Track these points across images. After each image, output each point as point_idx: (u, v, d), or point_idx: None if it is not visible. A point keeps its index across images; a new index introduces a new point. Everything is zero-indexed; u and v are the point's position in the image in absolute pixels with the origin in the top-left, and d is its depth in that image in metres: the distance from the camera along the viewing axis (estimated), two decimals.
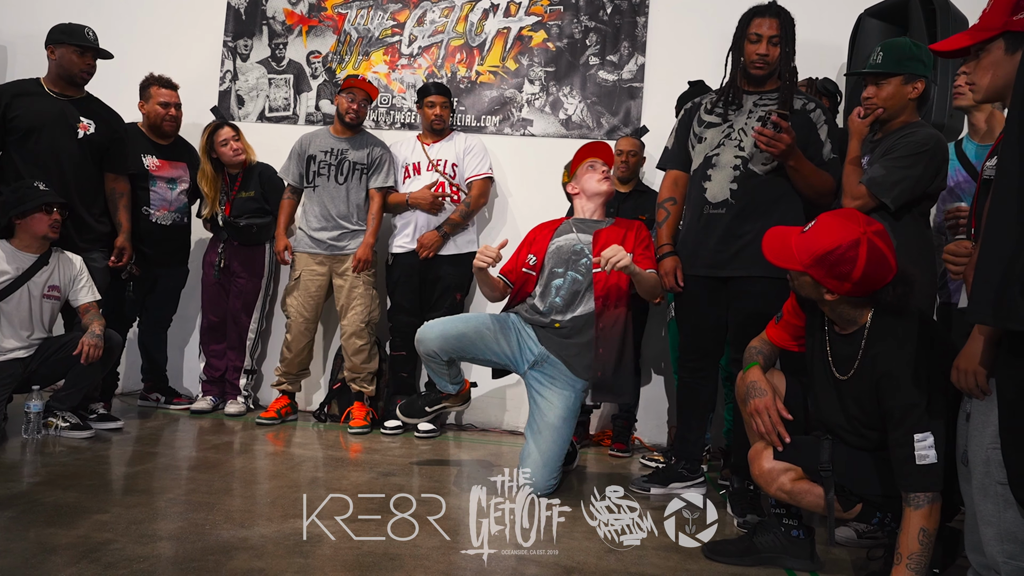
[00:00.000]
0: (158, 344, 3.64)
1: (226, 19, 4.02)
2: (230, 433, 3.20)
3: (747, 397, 1.86)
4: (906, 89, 2.19)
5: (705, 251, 2.38)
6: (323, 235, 3.40)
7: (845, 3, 3.27)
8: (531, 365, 2.58)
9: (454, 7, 3.86)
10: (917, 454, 1.58)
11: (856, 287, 1.66)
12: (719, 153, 2.37)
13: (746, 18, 2.39)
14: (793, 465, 1.80)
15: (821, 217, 1.74)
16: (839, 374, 1.77)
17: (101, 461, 2.59)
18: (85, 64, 2.96)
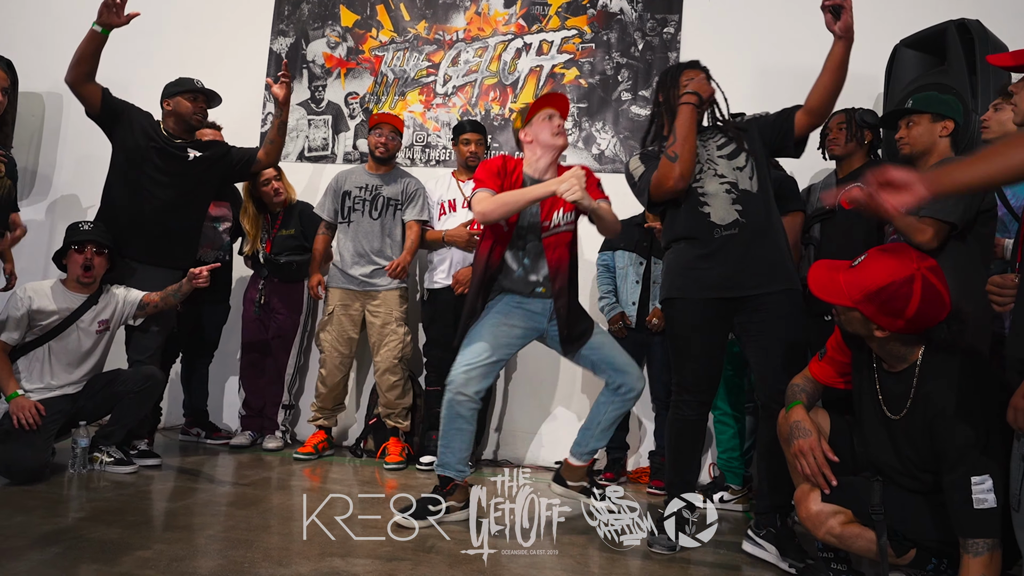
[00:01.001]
0: (200, 380, 3.70)
1: (268, 63, 4.15)
2: (268, 468, 3.22)
3: (791, 438, 1.81)
4: (935, 127, 2.28)
5: (717, 274, 2.26)
6: (356, 271, 3.44)
7: (881, 33, 3.24)
8: (548, 319, 2.50)
9: (487, 47, 3.94)
10: (975, 498, 1.51)
11: (909, 324, 1.61)
12: (702, 184, 2.32)
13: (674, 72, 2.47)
14: (842, 508, 1.73)
15: (872, 252, 1.70)
16: (891, 413, 1.71)
17: (144, 496, 2.62)
18: (198, 107, 3.13)
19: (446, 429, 2.44)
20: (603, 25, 3.83)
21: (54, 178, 4.29)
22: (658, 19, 3.78)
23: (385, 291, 3.43)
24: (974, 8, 2.97)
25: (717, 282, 2.26)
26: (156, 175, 3.03)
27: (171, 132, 3.12)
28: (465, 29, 3.98)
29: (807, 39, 3.40)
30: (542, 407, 3.72)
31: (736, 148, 2.34)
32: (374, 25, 4.07)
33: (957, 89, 2.84)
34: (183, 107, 3.10)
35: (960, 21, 2.91)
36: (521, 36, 3.91)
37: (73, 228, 2.91)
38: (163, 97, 3.16)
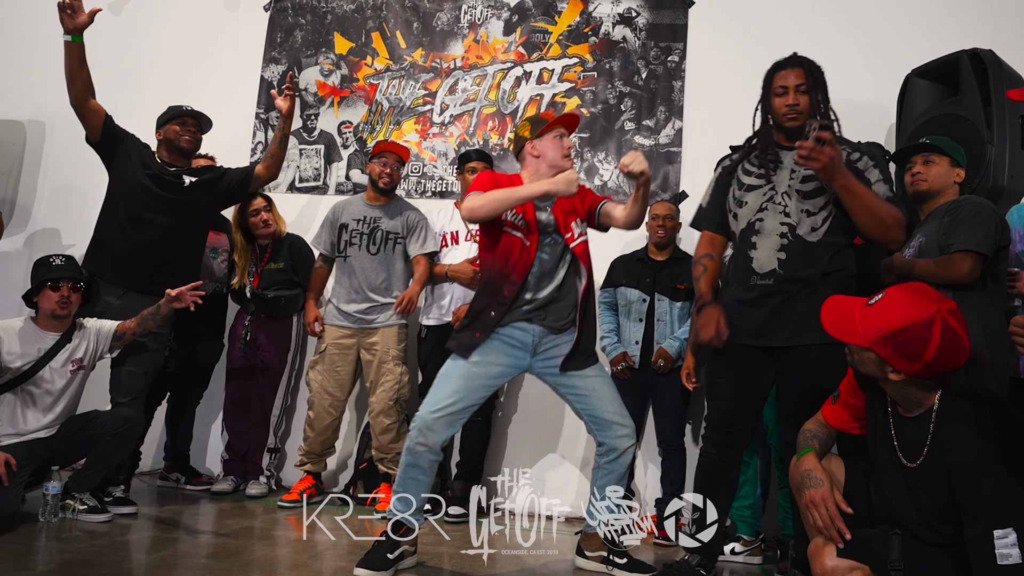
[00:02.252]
0: (186, 423, 3.68)
1: (259, 92, 4.22)
2: (251, 517, 3.18)
3: (802, 487, 1.79)
4: (952, 172, 2.46)
5: (753, 322, 2.29)
6: (351, 307, 3.43)
7: (892, 63, 3.31)
8: (533, 352, 2.46)
9: (486, 75, 4.00)
10: (999, 552, 1.49)
11: (926, 369, 1.61)
12: (763, 219, 2.32)
13: (770, 74, 2.38)
14: (860, 564, 1.71)
15: (890, 291, 1.70)
16: (907, 461, 1.70)
17: (118, 547, 2.59)
18: (186, 130, 3.20)
19: (402, 476, 2.41)
20: (605, 53, 3.90)
21: (33, 209, 4.32)
22: (662, 47, 3.85)
23: (383, 328, 3.42)
24: (988, 38, 3.03)
25: (752, 329, 2.29)
26: (153, 203, 3.08)
27: (165, 160, 3.18)
28: (463, 57, 4.05)
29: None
30: (543, 450, 3.69)
31: (818, 188, 2.26)
32: (369, 52, 4.15)
33: (971, 120, 2.88)
34: (172, 132, 3.18)
35: (973, 51, 2.96)
36: (521, 64, 3.98)
37: (44, 264, 2.90)
38: (156, 128, 3.25)
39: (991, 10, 3.47)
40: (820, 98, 2.31)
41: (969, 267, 2.19)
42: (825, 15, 3.69)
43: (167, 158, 3.20)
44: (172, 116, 3.22)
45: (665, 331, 3.26)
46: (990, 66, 2.90)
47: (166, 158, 3.20)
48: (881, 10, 3.65)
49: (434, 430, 2.37)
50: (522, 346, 2.46)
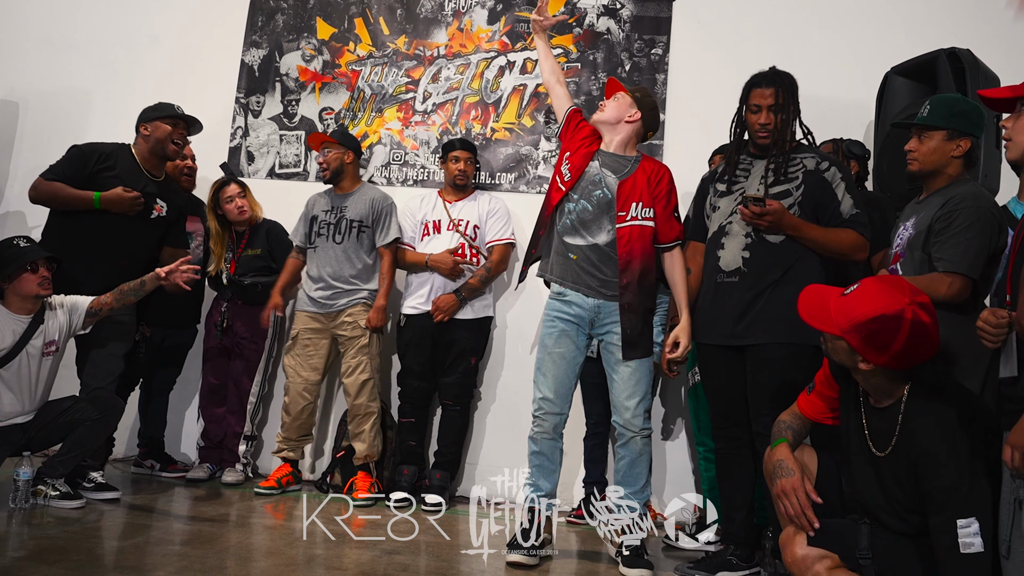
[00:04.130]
0: (159, 408, 3.66)
1: (239, 76, 4.18)
2: (227, 504, 3.17)
3: (774, 477, 1.83)
4: (949, 146, 2.13)
5: (721, 321, 2.44)
6: (317, 294, 3.45)
7: (872, 61, 3.35)
8: (591, 326, 2.59)
9: (470, 64, 3.99)
10: (961, 542, 1.53)
11: (894, 360, 1.65)
12: (731, 222, 2.46)
13: (746, 89, 2.53)
14: (829, 552, 1.75)
15: (865, 281, 1.74)
16: (876, 450, 1.74)
17: (91, 534, 2.57)
18: (177, 134, 3.12)
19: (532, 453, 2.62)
20: (589, 45, 3.90)
21: (6, 190, 4.25)
22: (646, 40, 3.86)
23: (348, 307, 3.43)
24: (965, 38, 3.07)
25: (719, 330, 2.44)
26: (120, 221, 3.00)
27: (144, 168, 3.09)
28: (447, 45, 4.04)
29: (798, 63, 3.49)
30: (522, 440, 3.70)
31: (785, 191, 2.41)
32: (352, 39, 4.12)
33: None
34: (162, 132, 3.08)
35: (951, 50, 3.00)
36: (504, 54, 3.97)
37: (11, 247, 2.82)
38: (140, 121, 3.13)
39: (970, 10, 3.52)
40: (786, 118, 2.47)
41: (956, 290, 2.02)
42: (807, 12, 3.72)
43: (146, 162, 3.10)
44: (165, 115, 3.10)
45: None
46: (967, 65, 2.95)
47: (144, 160, 3.10)
48: (862, 8, 3.68)
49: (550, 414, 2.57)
50: (579, 321, 2.58)
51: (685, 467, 3.52)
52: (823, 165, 2.45)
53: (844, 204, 2.41)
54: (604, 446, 3.39)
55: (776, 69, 2.51)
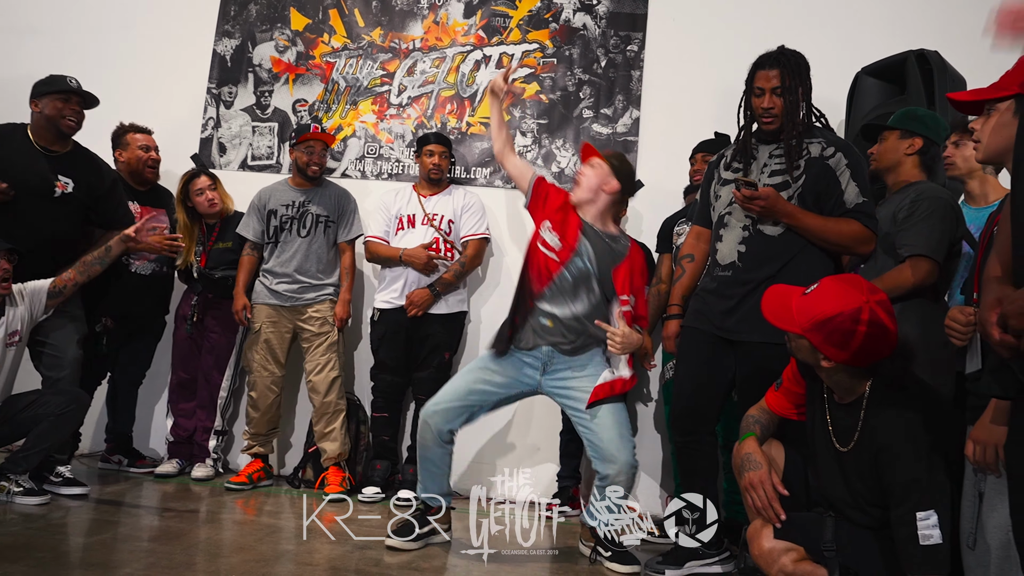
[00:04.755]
0: (127, 402, 3.60)
1: (211, 66, 4.12)
2: (196, 500, 3.14)
3: (742, 470, 1.86)
4: (902, 144, 2.37)
5: (714, 312, 2.38)
6: (282, 287, 3.42)
7: (842, 61, 3.39)
8: (543, 371, 2.52)
9: (445, 58, 3.98)
10: (920, 534, 1.57)
11: (854, 357, 1.68)
12: (731, 212, 2.39)
13: (752, 71, 2.41)
14: (795, 545, 1.78)
15: (824, 281, 1.77)
16: (840, 445, 1.77)
17: (55, 530, 2.53)
18: (69, 110, 2.95)
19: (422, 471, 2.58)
20: (565, 40, 3.91)
21: None
22: (622, 36, 3.88)
23: (316, 304, 3.42)
24: (934, 39, 3.12)
25: (712, 320, 2.38)
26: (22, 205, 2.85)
27: (40, 144, 2.92)
28: (422, 38, 4.02)
29: None
30: (497, 436, 3.72)
31: (784, 181, 2.30)
32: (326, 30, 4.08)
33: None
34: (52, 109, 2.92)
35: (920, 52, 3.06)
36: (480, 48, 3.96)
37: None
38: (31, 98, 2.96)
39: (939, 13, 3.58)
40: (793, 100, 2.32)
41: (925, 273, 2.17)
42: (781, 11, 3.76)
43: (41, 139, 2.93)
44: (55, 90, 2.92)
45: None
46: (935, 67, 3.00)
47: (42, 139, 2.93)
48: (834, 8, 3.73)
49: (428, 424, 2.50)
50: (532, 362, 2.52)
51: (656, 460, 3.55)
52: (828, 151, 2.32)
53: (848, 192, 2.29)
54: (579, 441, 3.41)
55: (784, 48, 2.38)
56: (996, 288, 1.27)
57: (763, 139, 2.42)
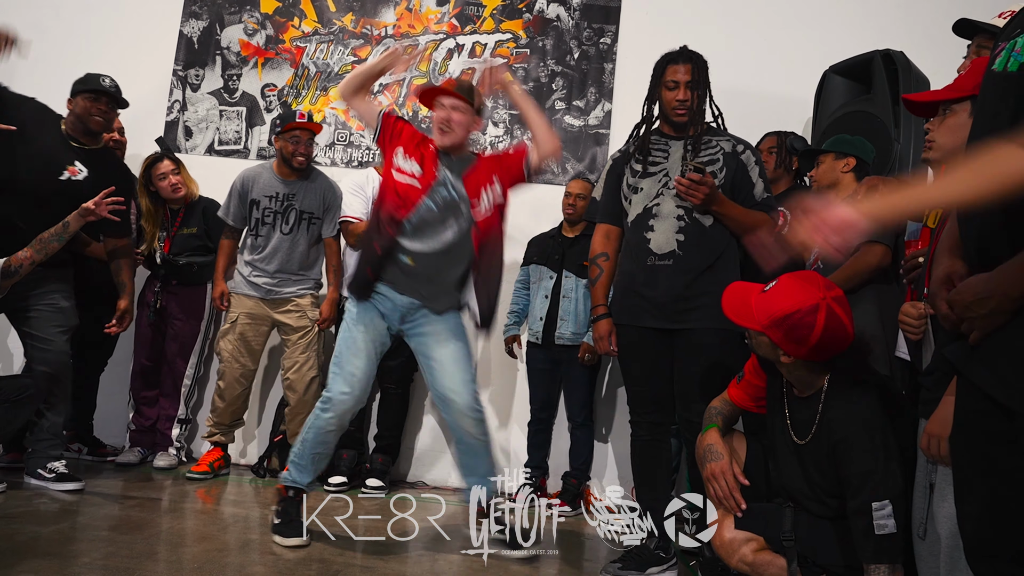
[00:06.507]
0: (88, 390, 3.53)
1: (177, 47, 4.03)
2: (158, 489, 3.10)
3: (704, 460, 1.89)
4: (838, 164, 2.63)
5: (653, 303, 2.37)
6: (261, 280, 3.34)
7: (811, 59, 3.44)
8: (401, 320, 2.49)
9: (418, 45, 3.95)
10: (876, 523, 1.61)
11: (812, 352, 1.72)
12: (659, 203, 2.40)
13: (661, 65, 2.46)
14: (755, 535, 1.81)
15: (783, 278, 1.80)
16: (797, 438, 1.81)
17: (12, 519, 2.48)
18: (97, 109, 2.96)
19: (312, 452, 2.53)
20: (539, 31, 3.90)
21: None
22: (595, 28, 3.88)
23: (296, 298, 3.36)
24: (899, 40, 3.19)
25: (652, 312, 2.37)
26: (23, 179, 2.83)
27: (70, 135, 2.95)
28: (395, 25, 3.98)
29: (742, 57, 3.59)
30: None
31: (712, 173, 2.36)
32: (296, 14, 4.02)
33: (881, 118, 3.04)
34: (81, 107, 2.95)
35: (886, 51, 3.12)
36: (453, 36, 3.94)
37: None
38: (70, 96, 3.01)
39: (905, 13, 3.65)
40: (702, 94, 2.43)
41: (879, 256, 2.31)
42: (752, 9, 3.80)
43: (74, 132, 2.97)
44: (86, 89, 2.97)
45: (570, 308, 3.32)
46: (900, 67, 3.06)
47: (72, 132, 2.96)
48: (804, 7, 3.78)
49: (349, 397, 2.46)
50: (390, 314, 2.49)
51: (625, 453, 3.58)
52: (739, 147, 2.44)
53: (758, 187, 2.43)
54: (547, 432, 3.44)
55: (688, 48, 2.45)
56: (947, 262, 1.31)
57: (672, 135, 2.46)
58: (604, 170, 2.64)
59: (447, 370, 2.46)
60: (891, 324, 2.25)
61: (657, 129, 2.49)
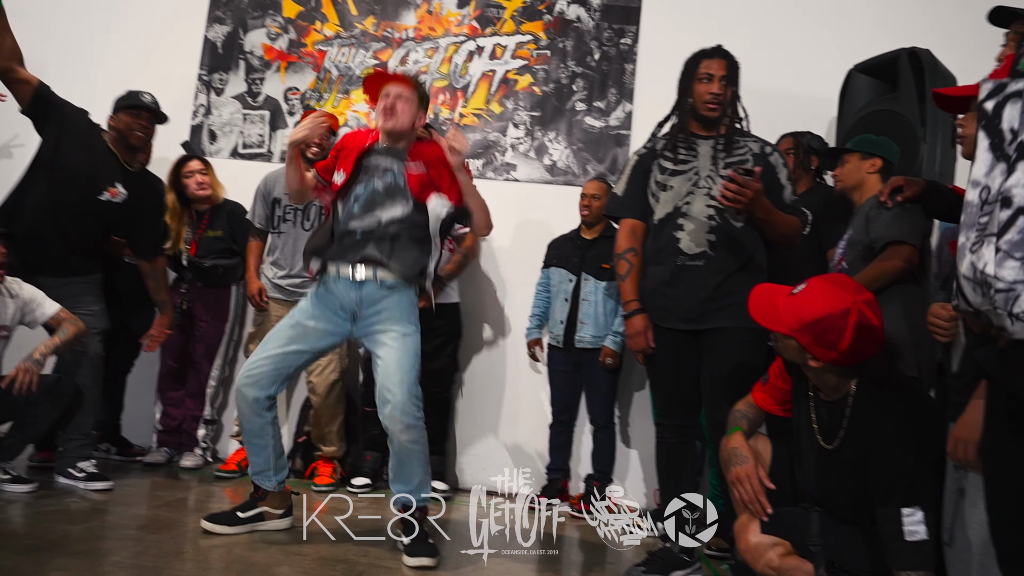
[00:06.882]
0: (115, 391, 3.58)
1: (202, 52, 4.08)
2: (185, 488, 3.14)
3: (728, 464, 1.88)
4: (864, 164, 2.56)
5: (681, 305, 2.34)
6: (284, 282, 3.38)
7: (835, 57, 3.40)
8: (352, 319, 2.43)
9: (439, 48, 3.96)
10: (906, 530, 1.58)
11: (842, 357, 1.69)
12: (689, 202, 2.36)
13: (695, 59, 2.43)
14: (781, 540, 1.80)
15: (812, 281, 1.78)
16: (825, 443, 1.79)
17: (43, 519, 2.52)
18: (138, 124, 3.04)
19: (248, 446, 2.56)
20: (559, 32, 3.89)
21: None
22: (615, 29, 3.87)
23: None
24: (926, 38, 3.13)
25: (680, 314, 2.34)
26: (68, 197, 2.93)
27: (112, 150, 3.03)
28: (415, 28, 3.99)
29: (764, 58, 3.55)
30: (484, 430, 3.73)
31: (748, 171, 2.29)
32: (318, 18, 4.05)
33: (907, 116, 3.00)
34: (122, 123, 3.03)
35: (912, 49, 3.07)
36: (474, 38, 3.95)
37: None
38: (112, 112, 3.09)
39: (931, 11, 3.59)
40: (736, 92, 2.41)
41: (906, 256, 2.26)
42: (775, 8, 3.77)
43: (115, 148, 3.05)
44: (127, 105, 3.06)
45: (589, 311, 3.31)
46: (927, 65, 3.01)
47: (113, 147, 3.05)
48: (828, 5, 3.74)
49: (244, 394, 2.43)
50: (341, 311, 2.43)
51: (648, 456, 3.57)
52: (767, 149, 2.41)
53: (787, 190, 2.39)
54: (568, 434, 3.43)
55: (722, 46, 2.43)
56: None
57: (700, 134, 2.42)
58: (628, 165, 2.55)
59: (388, 369, 2.37)
60: (918, 326, 2.23)
61: (684, 127, 2.45)
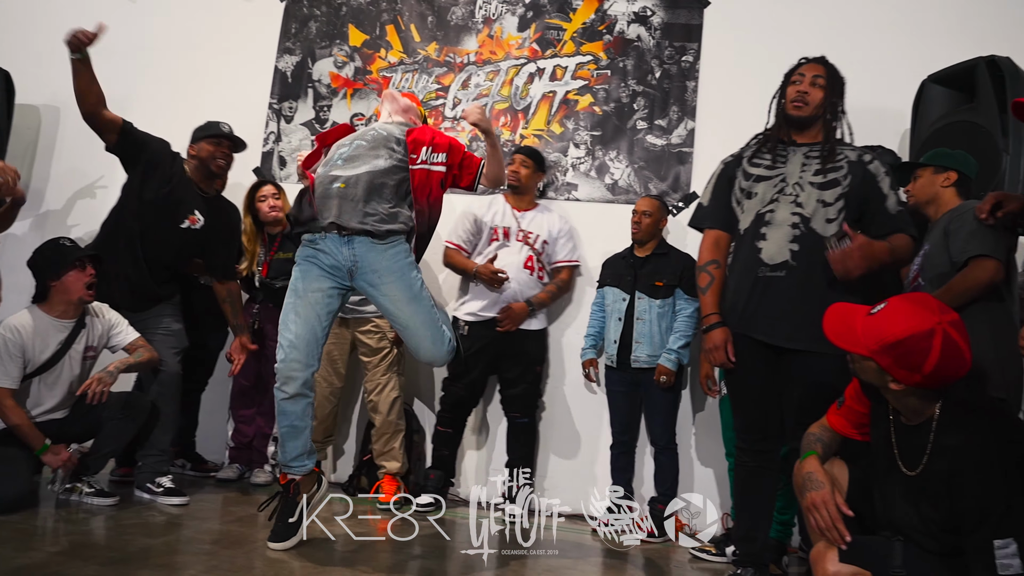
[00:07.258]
0: (190, 408, 3.71)
1: (273, 82, 4.24)
2: (255, 504, 3.20)
3: (803, 490, 1.81)
4: (938, 178, 2.46)
5: (762, 317, 2.25)
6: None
7: (908, 68, 3.29)
8: (351, 275, 2.48)
9: (499, 71, 4.01)
10: (999, 563, 1.50)
11: (926, 379, 1.62)
12: (773, 210, 2.28)
13: (793, 67, 2.43)
14: (861, 570, 1.72)
15: (892, 301, 1.71)
16: (907, 469, 1.71)
17: (123, 531, 2.62)
18: (220, 152, 3.22)
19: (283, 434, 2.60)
20: (619, 52, 3.90)
21: (46, 193, 4.36)
22: (676, 47, 3.85)
23: (377, 318, 3.43)
24: (1006, 45, 3.01)
25: (761, 325, 2.25)
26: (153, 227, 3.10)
27: (191, 179, 3.19)
28: (477, 52, 4.06)
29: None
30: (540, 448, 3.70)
31: (833, 180, 2.26)
32: (383, 45, 4.16)
33: (987, 127, 2.87)
34: (205, 152, 3.19)
35: (990, 58, 2.95)
36: (534, 60, 3.98)
37: (57, 248, 2.90)
38: (191, 142, 3.25)
39: (1009, 18, 3.45)
40: (835, 100, 2.35)
41: (992, 271, 2.16)
42: (841, 19, 3.67)
43: (194, 177, 3.20)
44: (208, 134, 3.22)
45: (644, 330, 3.26)
46: (1007, 73, 2.89)
47: (193, 176, 3.20)
48: (899, 14, 3.63)
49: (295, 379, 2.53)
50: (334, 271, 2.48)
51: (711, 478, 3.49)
52: (866, 157, 2.31)
53: (890, 200, 2.26)
54: (630, 455, 3.37)
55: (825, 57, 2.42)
56: None
57: (791, 143, 2.37)
58: (713, 175, 2.52)
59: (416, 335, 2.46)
60: (1004, 345, 2.12)
61: (776, 136, 2.40)
